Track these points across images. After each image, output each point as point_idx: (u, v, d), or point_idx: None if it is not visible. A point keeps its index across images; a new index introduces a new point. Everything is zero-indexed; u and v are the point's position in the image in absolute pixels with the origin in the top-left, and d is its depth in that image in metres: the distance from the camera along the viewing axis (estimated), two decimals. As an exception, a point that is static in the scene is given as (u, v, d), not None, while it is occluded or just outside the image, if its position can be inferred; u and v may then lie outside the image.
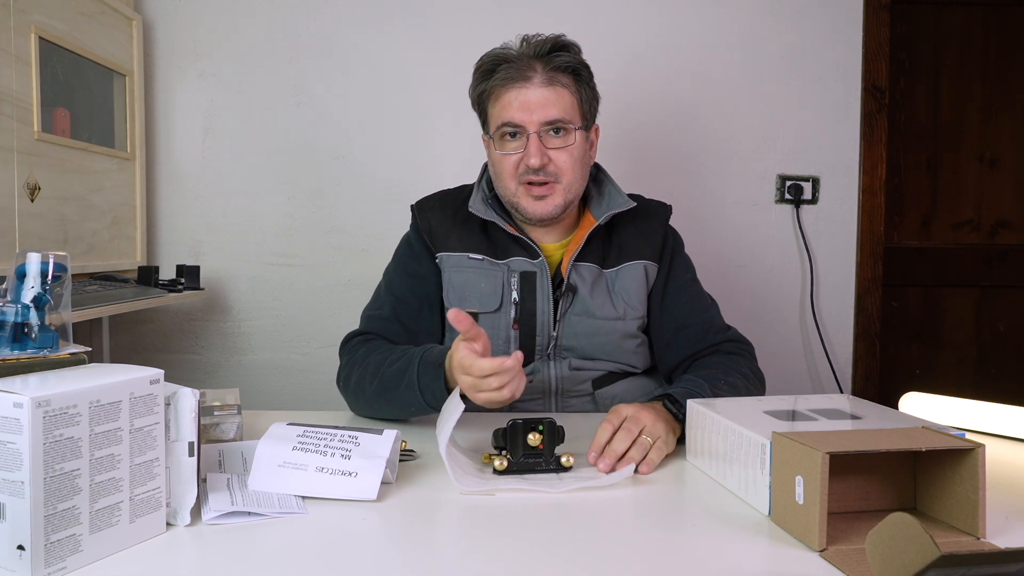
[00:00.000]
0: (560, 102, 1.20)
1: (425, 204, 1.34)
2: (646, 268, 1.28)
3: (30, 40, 1.62)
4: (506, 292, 1.25)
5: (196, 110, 2.21)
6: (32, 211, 1.63)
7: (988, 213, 2.44)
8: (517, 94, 1.20)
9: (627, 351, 1.28)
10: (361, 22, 2.20)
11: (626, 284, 1.27)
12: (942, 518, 0.76)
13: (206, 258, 2.21)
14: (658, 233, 1.31)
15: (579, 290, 1.25)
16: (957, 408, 1.18)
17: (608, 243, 1.29)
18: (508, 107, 1.20)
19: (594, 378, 1.27)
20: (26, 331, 0.75)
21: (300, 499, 0.81)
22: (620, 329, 1.26)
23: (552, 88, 1.20)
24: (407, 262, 1.31)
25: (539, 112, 1.19)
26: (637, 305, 1.27)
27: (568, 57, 1.22)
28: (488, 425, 1.00)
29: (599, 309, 1.25)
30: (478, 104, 1.28)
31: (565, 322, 1.25)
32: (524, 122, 1.19)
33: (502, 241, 1.26)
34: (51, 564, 0.62)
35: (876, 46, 2.27)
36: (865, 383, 2.32)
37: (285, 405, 2.21)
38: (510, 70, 1.20)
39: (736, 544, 0.73)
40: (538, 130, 1.19)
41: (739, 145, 2.27)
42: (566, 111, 1.20)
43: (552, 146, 1.20)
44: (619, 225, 1.30)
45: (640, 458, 0.93)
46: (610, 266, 1.28)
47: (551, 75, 1.20)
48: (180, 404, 0.73)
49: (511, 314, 1.24)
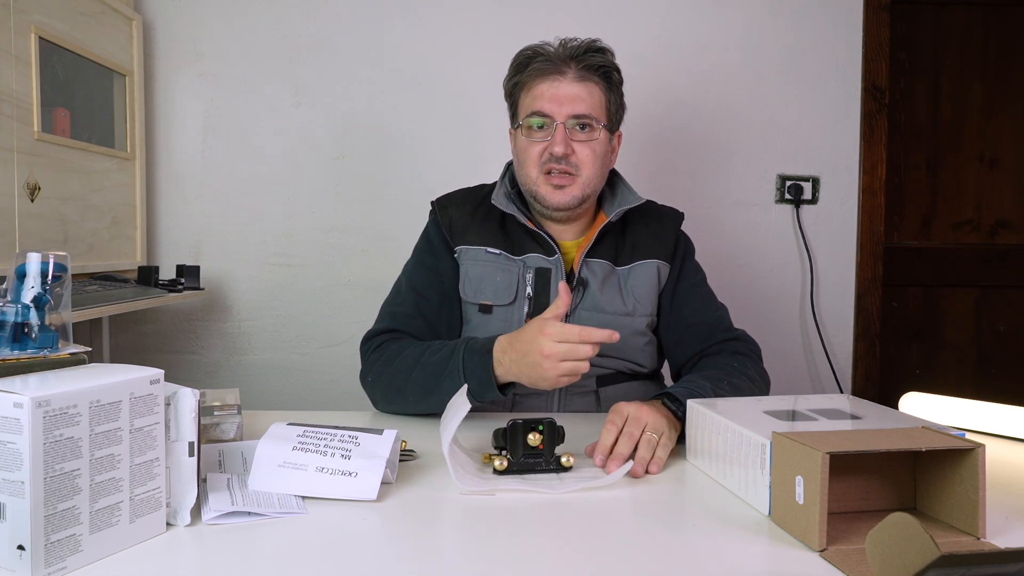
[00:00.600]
0: (590, 98, 1.24)
1: (446, 200, 1.37)
2: (659, 268, 1.31)
3: (30, 40, 1.62)
4: (521, 287, 1.27)
5: (196, 110, 2.21)
6: (32, 211, 1.63)
7: (988, 213, 2.44)
8: (549, 86, 1.24)
9: (635, 348, 1.29)
10: (361, 22, 2.20)
11: (638, 282, 1.29)
12: (942, 518, 0.76)
13: (206, 258, 2.22)
14: (671, 235, 1.34)
15: (590, 284, 1.27)
16: (957, 408, 1.18)
17: (622, 241, 1.32)
18: (540, 98, 1.24)
19: (599, 375, 1.28)
20: (26, 331, 0.75)
21: (300, 499, 0.81)
22: (629, 325, 1.28)
23: (583, 84, 1.24)
24: (426, 258, 1.33)
25: (568, 105, 1.23)
26: (647, 303, 1.30)
27: (601, 59, 1.26)
28: (488, 425, 1.01)
29: (609, 304, 1.27)
30: (510, 95, 1.32)
31: (575, 317, 1.27)
32: (553, 112, 1.23)
33: (520, 237, 1.29)
34: (51, 564, 0.62)
35: (876, 46, 2.27)
36: (865, 383, 2.32)
37: (285, 405, 2.21)
38: (545, 64, 1.25)
39: (736, 544, 0.73)
40: (565, 121, 1.23)
41: (739, 145, 2.27)
42: (594, 108, 1.24)
43: (577, 139, 1.24)
44: (633, 225, 1.33)
45: (649, 456, 0.93)
46: (623, 264, 1.30)
47: (583, 73, 1.24)
48: (180, 404, 0.73)
49: (524, 308, 1.27)
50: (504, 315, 1.27)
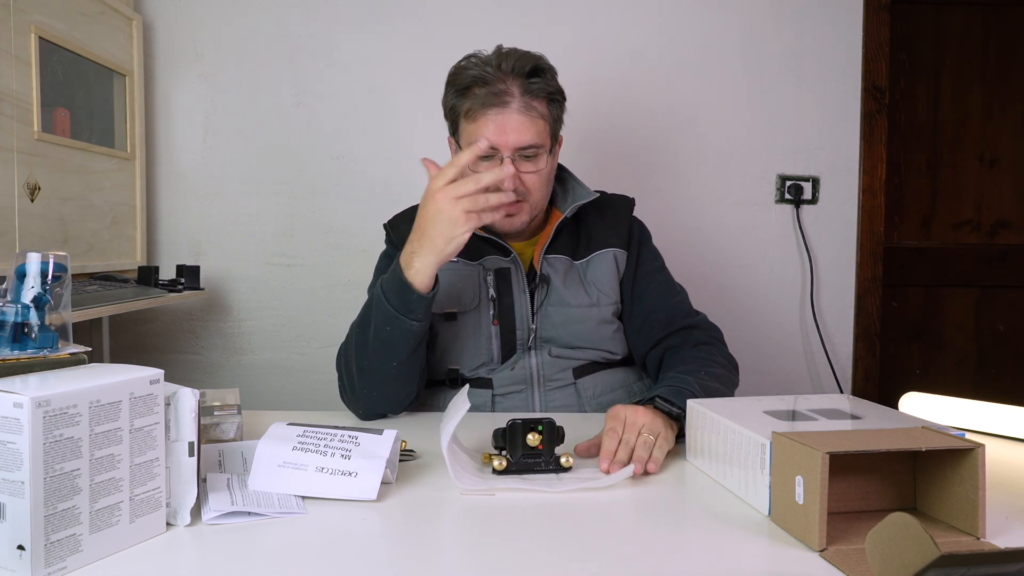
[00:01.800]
0: (534, 127, 1.23)
1: (396, 220, 1.39)
2: (615, 256, 1.33)
3: (30, 40, 1.62)
4: (483, 290, 1.29)
5: (196, 110, 2.21)
6: (32, 211, 1.63)
7: (988, 213, 2.44)
8: (493, 118, 1.22)
9: (604, 337, 1.31)
10: (361, 22, 2.20)
11: (597, 273, 1.31)
12: (942, 518, 0.76)
13: (206, 258, 2.22)
14: (624, 223, 1.36)
15: (552, 280, 1.29)
16: (957, 408, 1.18)
17: (576, 235, 1.34)
18: (484, 128, 1.22)
19: (575, 367, 1.29)
20: (26, 331, 0.75)
21: (300, 499, 0.81)
22: (595, 315, 1.30)
23: (528, 115, 1.22)
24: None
25: (514, 136, 1.21)
26: (610, 292, 1.31)
27: (544, 84, 1.25)
28: (489, 425, 1.01)
29: (573, 298, 1.29)
30: (450, 115, 1.30)
31: (542, 313, 1.29)
32: (499, 145, 1.21)
33: (474, 244, 1.27)
34: (51, 564, 0.62)
35: (876, 46, 2.27)
36: (865, 383, 2.32)
37: (285, 405, 2.21)
38: (489, 94, 1.22)
39: (736, 544, 0.73)
40: (512, 155, 1.22)
41: (739, 145, 2.27)
42: (539, 136, 1.24)
43: (524, 170, 1.24)
44: (586, 218, 1.35)
45: (647, 456, 0.93)
46: (580, 257, 1.32)
47: (527, 102, 1.23)
48: (180, 404, 0.73)
49: (490, 311, 1.28)
50: (472, 320, 1.28)
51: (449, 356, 1.29)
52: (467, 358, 1.28)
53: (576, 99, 1.40)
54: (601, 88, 2.22)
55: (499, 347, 1.28)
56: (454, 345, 1.28)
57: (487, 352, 1.28)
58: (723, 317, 1.49)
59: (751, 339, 2.24)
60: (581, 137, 2.12)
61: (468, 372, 1.28)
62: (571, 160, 1.49)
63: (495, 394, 1.27)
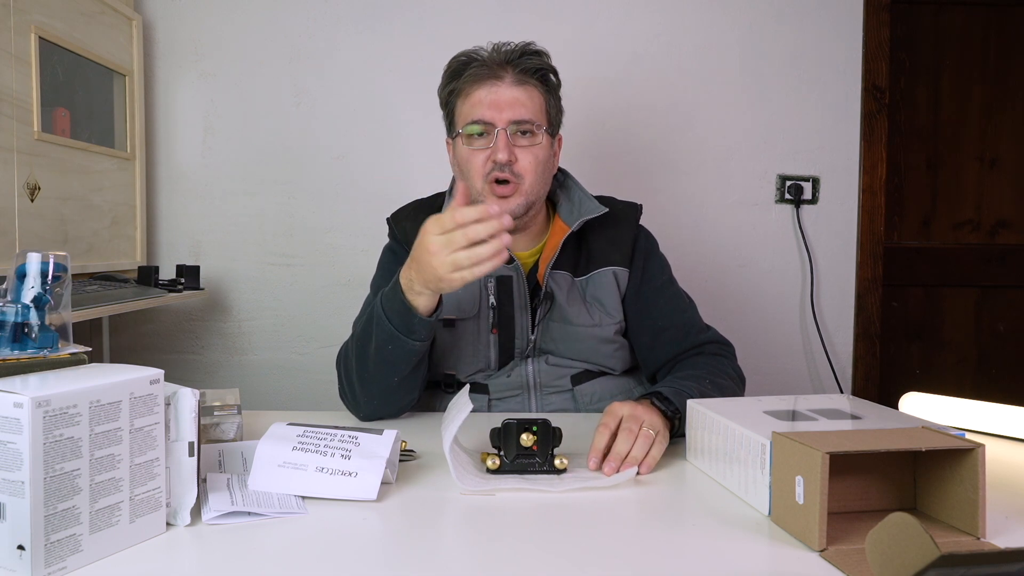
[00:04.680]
0: (530, 103, 1.22)
1: (400, 214, 1.36)
2: (615, 274, 1.28)
3: (30, 40, 1.62)
4: (483, 297, 1.26)
5: (196, 110, 2.21)
6: (32, 211, 1.63)
7: (988, 213, 2.44)
8: (488, 92, 1.21)
9: (604, 355, 1.28)
10: (361, 22, 2.20)
11: (597, 292, 1.28)
12: (942, 518, 0.76)
13: (206, 258, 2.22)
14: (627, 238, 1.31)
15: (556, 297, 1.26)
16: (957, 408, 1.18)
17: (578, 250, 1.30)
18: (479, 104, 1.21)
19: (572, 374, 1.28)
20: (26, 331, 0.75)
21: (300, 499, 0.81)
22: (597, 335, 1.27)
23: (523, 88, 1.22)
24: (393, 268, 1.31)
25: (508, 111, 1.20)
26: (612, 312, 1.28)
27: (538, 61, 1.24)
28: (487, 426, 1.00)
29: (575, 316, 1.26)
30: (446, 104, 1.29)
31: (543, 326, 1.26)
32: (494, 119, 1.20)
33: None
34: (51, 564, 0.62)
35: (876, 46, 2.27)
36: (865, 383, 2.32)
37: (285, 405, 2.21)
38: (481, 69, 1.22)
39: (736, 544, 0.73)
40: (506, 128, 1.20)
41: (739, 145, 2.27)
42: (535, 112, 1.22)
43: (519, 145, 1.22)
44: (589, 232, 1.31)
45: (644, 454, 0.93)
46: (580, 274, 1.29)
47: (521, 77, 1.22)
48: (180, 404, 0.73)
49: (489, 319, 1.26)
50: (470, 327, 1.26)
51: (446, 361, 1.27)
52: (464, 364, 1.27)
53: (576, 99, 1.40)
54: (601, 88, 2.22)
55: (496, 355, 1.27)
56: (452, 351, 1.27)
57: (484, 359, 1.27)
58: (723, 317, 1.49)
59: (751, 339, 2.24)
60: (581, 137, 2.12)
61: (464, 377, 1.27)
62: (571, 160, 1.48)
63: (491, 399, 1.26)
